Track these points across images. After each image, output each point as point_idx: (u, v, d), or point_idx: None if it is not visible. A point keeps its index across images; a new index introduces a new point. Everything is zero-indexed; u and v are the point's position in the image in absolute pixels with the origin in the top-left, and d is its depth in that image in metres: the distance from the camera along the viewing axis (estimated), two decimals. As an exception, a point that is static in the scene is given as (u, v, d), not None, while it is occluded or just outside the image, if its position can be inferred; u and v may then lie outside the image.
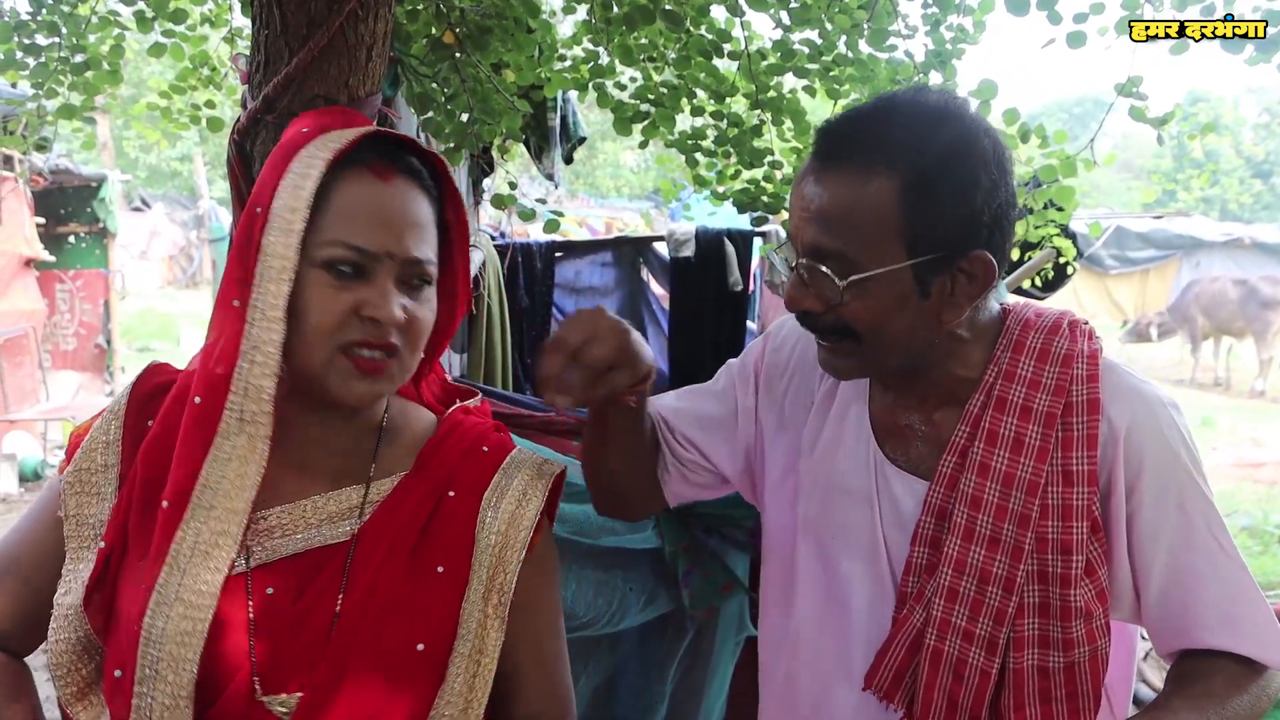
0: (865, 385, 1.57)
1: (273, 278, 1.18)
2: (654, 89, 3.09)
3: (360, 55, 2.02)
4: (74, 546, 1.24)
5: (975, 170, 1.32)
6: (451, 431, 1.40)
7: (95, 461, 1.26)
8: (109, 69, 3.17)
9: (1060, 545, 1.38)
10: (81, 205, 10.58)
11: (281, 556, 1.23)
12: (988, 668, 1.39)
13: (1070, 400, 1.42)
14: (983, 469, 1.42)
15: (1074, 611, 1.37)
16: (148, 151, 25.29)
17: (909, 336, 1.39)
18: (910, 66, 3.08)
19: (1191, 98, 37.13)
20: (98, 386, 10.88)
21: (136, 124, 3.95)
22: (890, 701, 1.46)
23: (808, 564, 1.59)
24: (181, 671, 1.14)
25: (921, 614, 1.44)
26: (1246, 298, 14.97)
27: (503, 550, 1.33)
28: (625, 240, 5.74)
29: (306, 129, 1.26)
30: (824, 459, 1.57)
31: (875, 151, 1.32)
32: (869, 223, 1.32)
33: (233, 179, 2.10)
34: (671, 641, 2.63)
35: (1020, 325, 1.49)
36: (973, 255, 1.34)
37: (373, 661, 1.21)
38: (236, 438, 1.20)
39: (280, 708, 1.18)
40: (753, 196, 3.18)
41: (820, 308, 1.39)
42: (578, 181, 28.56)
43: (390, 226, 1.23)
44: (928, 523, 1.45)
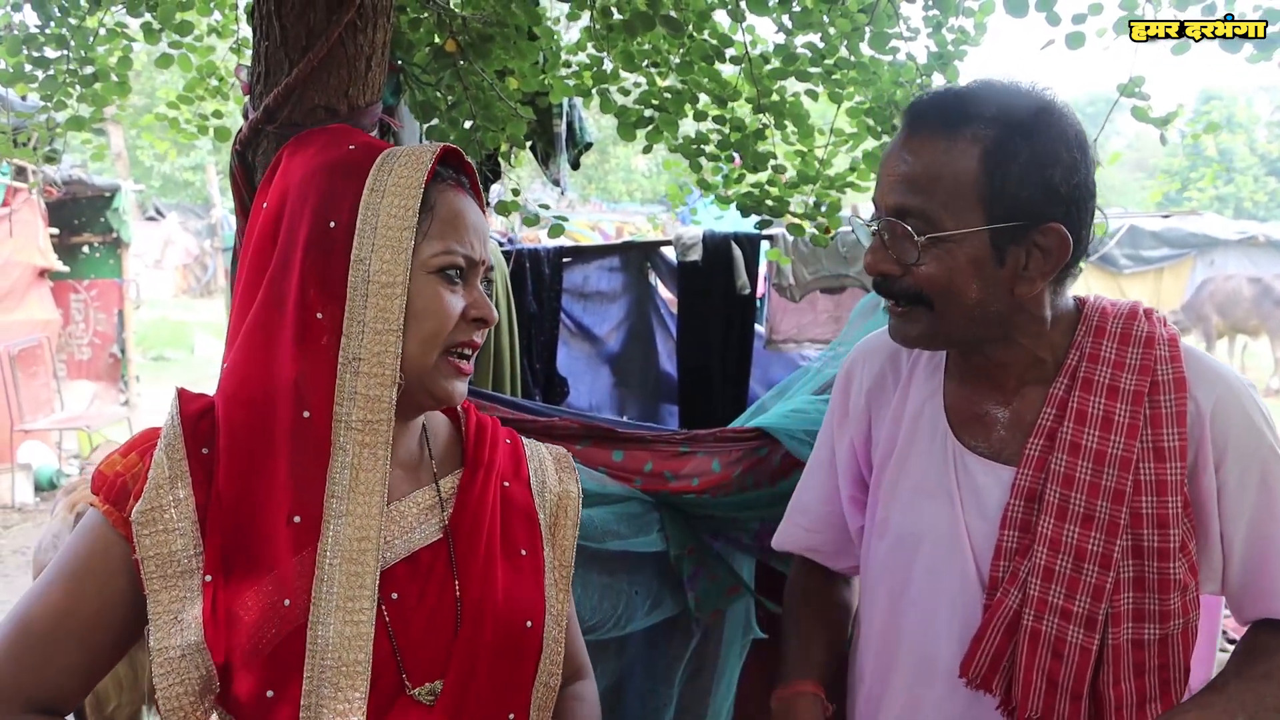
0: (940, 383, 1.61)
1: (381, 292, 1.24)
2: (657, 94, 3.10)
3: (360, 65, 2.03)
4: (158, 587, 1.20)
5: (1056, 145, 1.39)
6: (481, 428, 1.48)
7: (165, 498, 1.22)
8: (117, 80, 3.19)
9: (1156, 520, 1.42)
10: (95, 215, 10.66)
11: (391, 564, 1.29)
12: (1088, 644, 1.42)
13: (1156, 379, 1.46)
14: (1073, 448, 1.46)
15: (1172, 584, 1.41)
16: (161, 161, 25.41)
17: (980, 306, 1.43)
18: (913, 69, 3.08)
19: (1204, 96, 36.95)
20: (112, 396, 10.94)
21: (146, 134, 3.98)
22: (987, 689, 1.47)
23: (881, 565, 1.63)
24: (354, 675, 1.20)
25: (1017, 595, 1.46)
26: (1261, 295, 14.89)
27: (555, 527, 1.48)
28: (633, 245, 5.76)
29: (353, 146, 1.31)
30: (901, 460, 1.62)
31: (961, 119, 1.40)
32: (950, 184, 1.38)
33: (235, 189, 2.11)
34: (678, 645, 2.64)
35: (1098, 312, 1.54)
36: (1048, 227, 1.39)
37: (497, 642, 1.32)
38: (350, 447, 1.24)
39: (428, 696, 1.27)
40: (757, 200, 3.18)
41: (898, 270, 1.45)
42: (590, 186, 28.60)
43: (479, 234, 1.34)
44: (1016, 506, 1.48)
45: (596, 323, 5.52)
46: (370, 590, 1.22)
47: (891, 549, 1.61)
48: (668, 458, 2.38)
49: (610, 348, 5.61)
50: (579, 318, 5.47)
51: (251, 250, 1.30)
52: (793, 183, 3.23)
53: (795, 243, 5.36)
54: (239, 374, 1.26)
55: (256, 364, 1.25)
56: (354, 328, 1.24)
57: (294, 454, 1.23)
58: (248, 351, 1.26)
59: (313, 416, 1.23)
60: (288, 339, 1.24)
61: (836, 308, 5.49)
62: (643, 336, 5.64)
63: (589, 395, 5.51)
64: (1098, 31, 2.69)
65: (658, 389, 5.66)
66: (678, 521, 2.46)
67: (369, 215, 1.26)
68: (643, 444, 2.39)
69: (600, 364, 5.59)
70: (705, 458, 2.41)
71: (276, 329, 1.25)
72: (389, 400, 1.24)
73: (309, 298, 1.24)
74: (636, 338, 5.64)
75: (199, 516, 1.23)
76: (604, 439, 2.35)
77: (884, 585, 1.62)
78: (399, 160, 1.30)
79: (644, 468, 2.38)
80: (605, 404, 5.56)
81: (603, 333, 5.55)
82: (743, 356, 5.32)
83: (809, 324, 5.60)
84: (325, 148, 1.31)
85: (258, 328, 1.26)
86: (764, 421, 2.54)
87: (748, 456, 2.47)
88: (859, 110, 3.16)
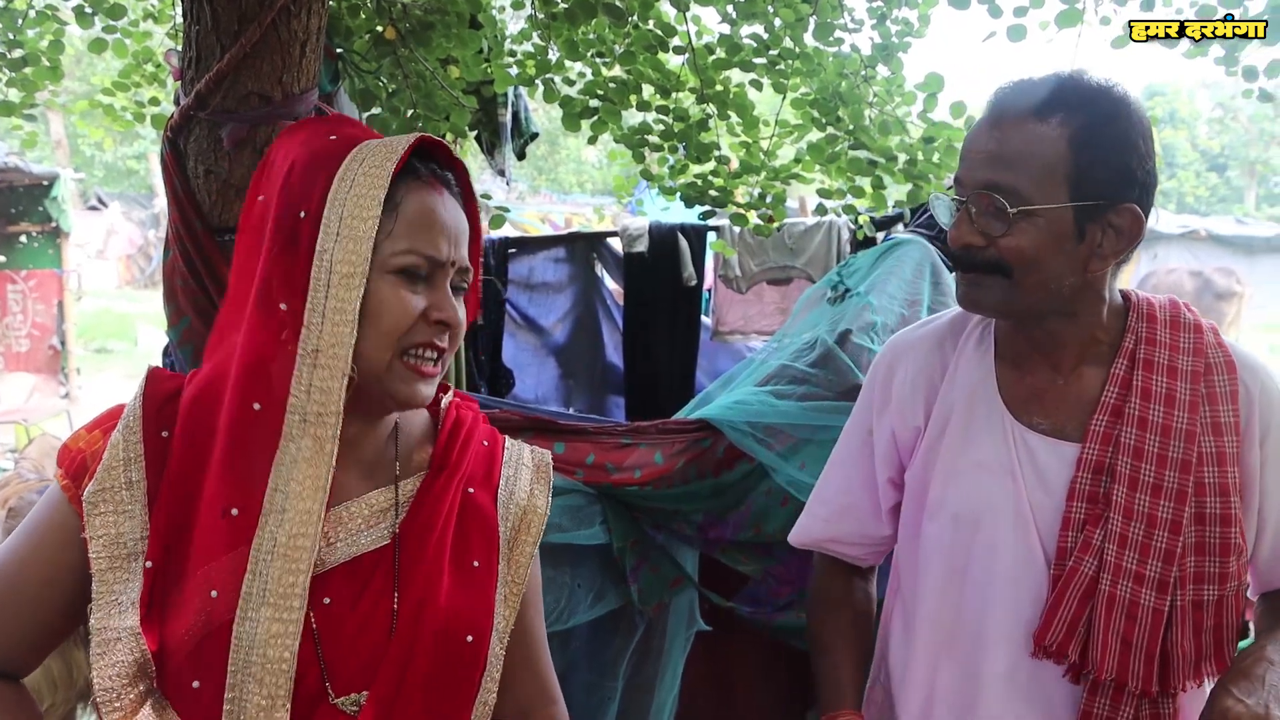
0: (990, 365, 1.68)
1: (341, 283, 1.22)
2: (602, 84, 3.08)
3: (294, 51, 1.99)
4: (104, 568, 1.21)
5: (1133, 133, 1.48)
6: (456, 427, 1.43)
7: (119, 479, 1.22)
8: (49, 65, 3.12)
9: (1219, 488, 1.52)
10: (33, 204, 10.44)
11: (330, 566, 1.26)
12: (1160, 606, 1.50)
13: (1209, 362, 1.58)
14: (1141, 422, 1.54)
15: (1231, 548, 1.51)
16: (103, 150, 24.97)
17: (1057, 279, 1.51)
18: (857, 60, 3.09)
19: (1149, 92, 37.54)
20: (52, 389, 10.74)
21: (80, 122, 3.90)
22: (1061, 656, 1.53)
23: (936, 545, 1.67)
24: (278, 673, 1.17)
25: (1092, 562, 1.52)
26: (1202, 289, 15.11)
27: (515, 542, 1.42)
28: (579, 236, 5.74)
29: (334, 136, 1.29)
30: (954, 440, 1.66)
31: (1050, 104, 1.48)
32: (1040, 163, 1.47)
33: (166, 176, 2.07)
34: (622, 638, 2.63)
35: (1145, 302, 1.64)
36: (1123, 207, 1.48)
37: (431, 655, 1.27)
38: (301, 440, 1.21)
39: (351, 707, 1.24)
40: (700, 190, 3.18)
41: (983, 242, 1.51)
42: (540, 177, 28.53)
43: (448, 235, 1.29)
44: (1084, 478, 1.55)
45: (542, 314, 5.49)
46: (302, 590, 1.20)
47: (948, 527, 1.65)
48: (610, 450, 2.37)
49: (556, 339, 5.58)
50: (524, 309, 5.44)
51: (239, 243, 1.29)
52: (737, 173, 3.23)
53: (741, 234, 5.36)
54: (211, 361, 1.26)
55: (226, 352, 1.24)
56: (314, 319, 1.22)
57: (242, 446, 1.21)
58: (223, 340, 1.26)
59: (265, 408, 1.22)
60: (252, 329, 1.23)
61: (783, 299, 5.50)
62: (589, 328, 5.62)
63: (535, 387, 5.49)
64: (1040, 24, 2.71)
65: (604, 381, 5.65)
66: (620, 514, 2.45)
67: (335, 206, 1.24)
68: (585, 436, 2.38)
69: (546, 356, 5.56)
70: (648, 449, 2.40)
71: (245, 320, 1.24)
72: (339, 393, 1.22)
73: (274, 289, 1.23)
74: (583, 329, 5.62)
75: (149, 500, 1.22)
76: (545, 431, 2.33)
77: (940, 564, 1.66)
78: (372, 151, 1.27)
79: (586, 460, 2.36)
80: (551, 396, 5.53)
81: (549, 324, 5.52)
82: (689, 348, 5.32)
83: (755, 315, 5.60)
84: (309, 139, 1.29)
85: (231, 318, 1.26)
86: (707, 413, 2.54)
87: (691, 448, 2.46)
88: (803, 101, 3.17)
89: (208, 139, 2.03)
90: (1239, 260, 17.11)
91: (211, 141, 2.03)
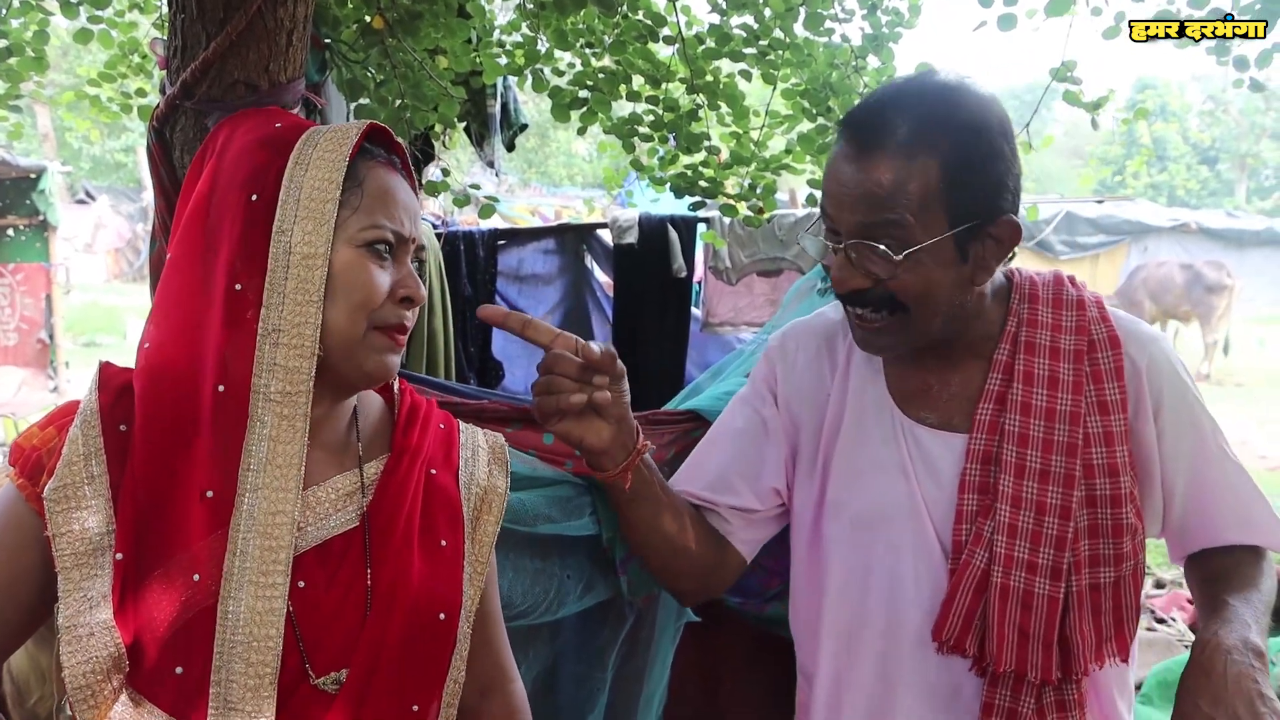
0: (880, 363, 1.66)
1: (302, 263, 1.23)
2: (592, 75, 3.07)
3: (280, 40, 1.98)
4: (69, 565, 1.19)
5: (997, 142, 1.47)
6: (413, 411, 1.45)
7: (79, 475, 1.21)
8: (34, 55, 3.10)
9: (1107, 469, 1.52)
10: (20, 197, 10.38)
11: (302, 550, 1.26)
12: (1054, 593, 1.49)
13: (1092, 339, 1.57)
14: (1025, 407, 1.54)
15: (1124, 529, 1.51)
16: (91, 143, 24.86)
17: (949, 302, 1.51)
18: (848, 50, 3.08)
19: (1140, 85, 37.63)
20: (41, 382, 10.71)
21: (67, 114, 3.87)
22: (960, 650, 1.52)
23: (836, 547, 1.66)
24: (265, 650, 1.18)
25: (983, 555, 1.52)
26: (1192, 282, 15.17)
27: (477, 521, 1.46)
28: (569, 227, 5.74)
29: (280, 124, 1.31)
30: (848, 441, 1.65)
31: (912, 135, 1.44)
32: (918, 200, 1.44)
33: (153, 166, 2.06)
34: (611, 629, 2.62)
35: (1027, 281, 1.63)
36: (1001, 220, 1.48)
37: (406, 633, 1.29)
38: (267, 419, 1.22)
39: (332, 686, 1.25)
40: (690, 181, 3.17)
41: (869, 284, 1.49)
42: (530, 170, 28.47)
43: (409, 212, 1.33)
44: (973, 470, 1.54)
45: (532, 306, 5.48)
46: (284, 566, 1.21)
47: (848, 529, 1.63)
48: (599, 441, 2.35)
49: (546, 331, 5.56)
50: (514, 301, 5.42)
51: (181, 229, 1.28)
52: (727, 164, 3.22)
53: (731, 225, 5.36)
54: (160, 350, 1.24)
55: (178, 339, 1.23)
56: (274, 299, 1.23)
57: (210, 429, 1.21)
58: (170, 327, 1.24)
59: (228, 390, 1.21)
60: (212, 314, 1.23)
61: (773, 290, 5.50)
62: (579, 320, 5.61)
63: (525, 379, 5.48)
64: (1027, 13, 2.71)
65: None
66: (610, 505, 2.44)
67: (292, 187, 1.25)
68: (574, 427, 2.36)
69: (536, 348, 5.53)
70: (637, 440, 2.39)
71: (201, 305, 1.23)
72: (307, 372, 1.23)
73: (232, 271, 1.23)
74: (572, 321, 5.61)
75: (113, 494, 1.21)
76: (535, 422, 2.31)
77: (841, 565, 1.65)
78: (324, 135, 1.29)
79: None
80: (542, 388, 5.51)
81: (539, 316, 5.50)
82: (679, 340, 5.31)
83: (745, 307, 5.60)
84: (254, 127, 1.30)
85: (181, 304, 1.24)
86: (697, 404, 2.53)
87: (680, 439, 2.45)
88: (794, 92, 3.16)
89: (194, 129, 2.01)
90: (1229, 253, 17.17)
91: (198, 131, 2.01)
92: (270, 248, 1.23)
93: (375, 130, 1.35)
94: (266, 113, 1.35)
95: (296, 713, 1.24)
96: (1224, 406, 12.48)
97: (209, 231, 1.25)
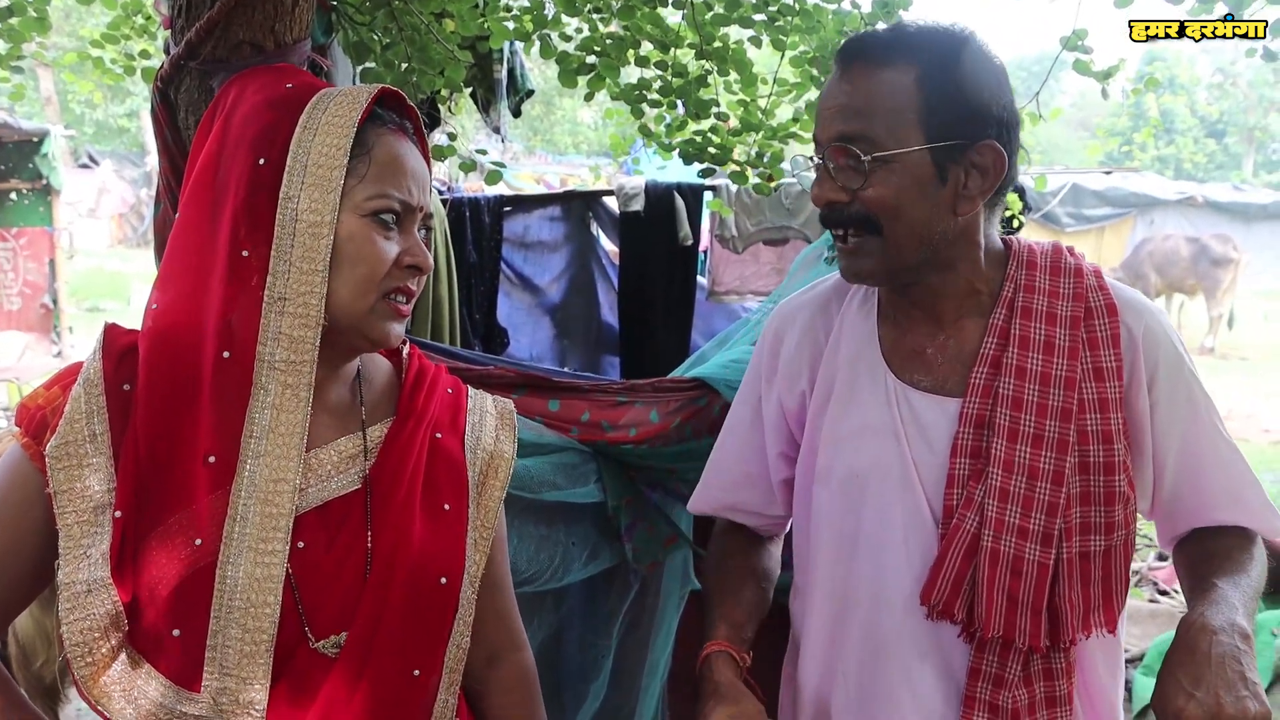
0: (873, 327, 1.65)
1: (309, 231, 1.23)
2: (599, 40, 3.04)
3: (286, 0, 1.96)
4: (70, 522, 1.21)
5: (983, 69, 1.48)
6: (420, 375, 1.46)
7: (81, 433, 1.22)
8: (35, 16, 3.07)
9: (1101, 435, 1.50)
10: (23, 161, 10.35)
11: (302, 511, 1.27)
12: (1044, 560, 1.48)
13: (1089, 306, 1.56)
14: (1019, 371, 1.52)
15: (1117, 496, 1.50)
16: (94, 108, 24.76)
17: (926, 226, 1.49)
18: (857, 17, 3.05)
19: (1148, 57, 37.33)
20: (44, 347, 10.71)
21: (68, 75, 3.84)
22: (949, 615, 1.51)
23: (827, 510, 1.65)
24: (261, 616, 1.19)
25: (974, 519, 1.50)
26: (1198, 255, 15.13)
27: (483, 486, 1.45)
28: (574, 195, 5.70)
29: (291, 84, 1.29)
30: (841, 405, 1.64)
31: (894, 49, 1.47)
32: (889, 107, 1.45)
33: (157, 127, 2.04)
34: (616, 596, 2.63)
35: (1025, 249, 1.62)
36: (983, 145, 1.47)
37: (406, 596, 1.30)
38: (271, 387, 1.23)
39: (331, 649, 1.26)
40: (699, 148, 3.15)
41: (845, 197, 1.49)
42: (535, 138, 28.36)
43: (418, 180, 1.32)
44: (966, 434, 1.53)
45: (538, 273, 5.47)
46: (284, 533, 1.21)
47: (838, 493, 1.63)
48: (605, 407, 2.36)
49: (551, 298, 5.56)
50: (520, 268, 5.41)
51: (190, 189, 1.28)
52: (735, 131, 3.20)
53: (738, 194, 5.33)
54: (167, 314, 1.24)
55: (184, 302, 1.23)
56: (280, 266, 1.23)
57: (214, 393, 1.22)
58: (177, 290, 1.25)
59: (234, 355, 1.22)
60: (217, 278, 1.23)
61: (779, 259, 5.48)
62: (584, 287, 5.59)
63: (530, 346, 5.47)
64: (1041, -20, 2.68)
65: (599, 340, 5.63)
66: (615, 472, 2.44)
67: (299, 153, 1.24)
68: (580, 393, 2.37)
69: (541, 315, 5.54)
70: (643, 408, 2.39)
71: (207, 268, 1.23)
72: (312, 341, 1.24)
73: (238, 236, 1.23)
74: (578, 288, 5.59)
75: (114, 452, 1.22)
76: (540, 388, 2.31)
77: (830, 530, 1.64)
78: (334, 99, 1.28)
79: (581, 417, 2.35)
80: (546, 355, 5.52)
81: (544, 283, 5.50)
82: (684, 308, 5.30)
83: (751, 275, 5.59)
84: (264, 86, 1.29)
85: (189, 267, 1.24)
86: (703, 372, 2.52)
87: (686, 407, 2.45)
88: (803, 59, 3.13)
89: (199, 89, 2.00)
90: (1236, 227, 17.12)
91: (203, 92, 2.00)
92: (277, 214, 1.23)
93: (388, 94, 1.34)
94: (278, 70, 1.34)
95: (297, 677, 1.24)
96: (1228, 380, 12.48)
97: (217, 192, 1.25)
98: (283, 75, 1.32)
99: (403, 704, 1.31)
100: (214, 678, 1.18)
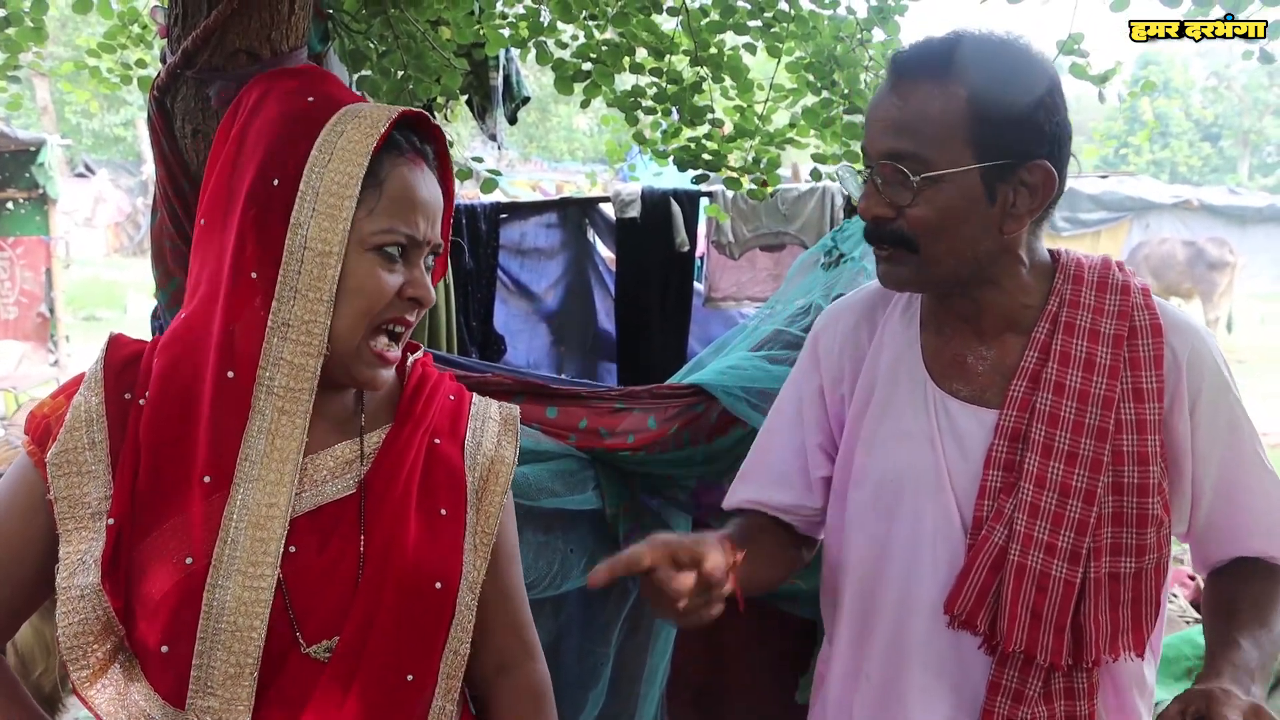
0: (916, 333, 1.65)
1: (317, 260, 1.22)
2: (595, 47, 3.05)
3: (283, 8, 1.96)
4: (70, 528, 1.22)
5: (1036, 86, 1.44)
6: (421, 383, 1.45)
7: (80, 440, 1.24)
8: (32, 26, 3.07)
9: (1137, 457, 1.48)
10: (20, 170, 10.31)
11: (295, 516, 1.27)
12: (1071, 578, 1.47)
13: (1134, 325, 1.53)
14: (1058, 388, 1.51)
15: (1150, 519, 1.48)
16: (90, 117, 24.74)
17: (972, 245, 1.48)
18: (853, 23, 3.06)
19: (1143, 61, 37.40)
20: (41, 356, 10.68)
21: (65, 84, 3.84)
22: (971, 626, 1.50)
23: (859, 514, 1.65)
24: (247, 640, 1.19)
25: (1003, 532, 1.49)
26: (1194, 259, 15.14)
27: (484, 492, 1.43)
28: (571, 201, 5.72)
29: (313, 98, 1.28)
30: (880, 409, 1.64)
31: (947, 65, 1.44)
32: (940, 126, 1.43)
33: (154, 136, 2.04)
34: (614, 604, 2.62)
35: (1074, 262, 1.60)
36: (1034, 164, 1.45)
37: (399, 601, 1.29)
38: (268, 412, 1.23)
39: (323, 654, 1.25)
40: (694, 154, 3.16)
41: (891, 213, 1.48)
42: (531, 145, 28.38)
43: (427, 214, 1.30)
44: (1000, 446, 1.52)
45: (534, 280, 5.47)
46: (274, 558, 1.21)
47: (872, 495, 1.63)
48: (603, 414, 2.36)
49: (548, 305, 5.56)
50: (516, 275, 5.41)
51: (209, 194, 1.28)
52: (731, 137, 3.20)
53: (734, 200, 5.34)
54: (182, 325, 1.26)
55: (202, 314, 1.25)
56: (286, 292, 1.22)
57: (214, 412, 1.22)
58: (200, 299, 1.26)
59: (236, 377, 1.22)
60: (222, 295, 1.23)
61: (776, 265, 5.48)
62: (581, 294, 5.60)
63: (527, 353, 5.47)
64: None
65: (596, 347, 5.63)
66: (613, 479, 2.44)
67: (312, 178, 1.23)
68: (577, 400, 2.37)
69: (538, 322, 5.55)
70: (641, 414, 2.39)
71: (215, 283, 1.24)
72: (313, 370, 1.24)
73: (246, 255, 1.23)
74: (575, 295, 5.60)
75: (111, 461, 1.23)
76: (538, 395, 2.31)
77: (863, 532, 1.64)
78: (351, 122, 1.26)
79: (579, 424, 2.35)
80: (543, 362, 5.52)
81: (540, 290, 5.50)
82: (681, 314, 5.31)
83: (748, 282, 5.59)
84: (285, 96, 1.28)
85: (212, 274, 1.25)
86: (701, 378, 2.52)
87: (684, 413, 2.45)
88: (798, 65, 3.14)
89: (195, 98, 1.99)
90: (1232, 230, 17.15)
91: (199, 101, 1.99)
92: (286, 240, 1.23)
93: (411, 117, 1.32)
94: (304, 78, 1.32)
95: (288, 682, 1.24)
96: (1225, 383, 12.46)
97: (230, 207, 1.25)
98: (306, 85, 1.30)
99: (395, 709, 1.30)
100: (199, 697, 1.19)
